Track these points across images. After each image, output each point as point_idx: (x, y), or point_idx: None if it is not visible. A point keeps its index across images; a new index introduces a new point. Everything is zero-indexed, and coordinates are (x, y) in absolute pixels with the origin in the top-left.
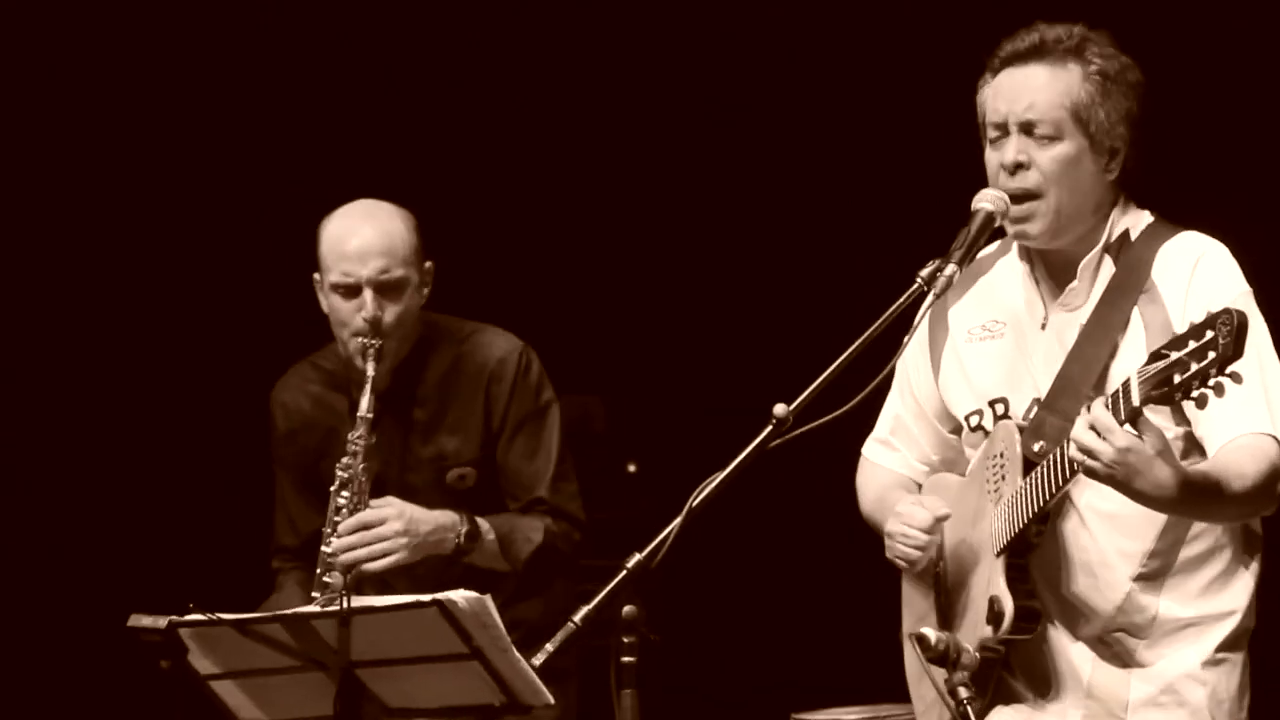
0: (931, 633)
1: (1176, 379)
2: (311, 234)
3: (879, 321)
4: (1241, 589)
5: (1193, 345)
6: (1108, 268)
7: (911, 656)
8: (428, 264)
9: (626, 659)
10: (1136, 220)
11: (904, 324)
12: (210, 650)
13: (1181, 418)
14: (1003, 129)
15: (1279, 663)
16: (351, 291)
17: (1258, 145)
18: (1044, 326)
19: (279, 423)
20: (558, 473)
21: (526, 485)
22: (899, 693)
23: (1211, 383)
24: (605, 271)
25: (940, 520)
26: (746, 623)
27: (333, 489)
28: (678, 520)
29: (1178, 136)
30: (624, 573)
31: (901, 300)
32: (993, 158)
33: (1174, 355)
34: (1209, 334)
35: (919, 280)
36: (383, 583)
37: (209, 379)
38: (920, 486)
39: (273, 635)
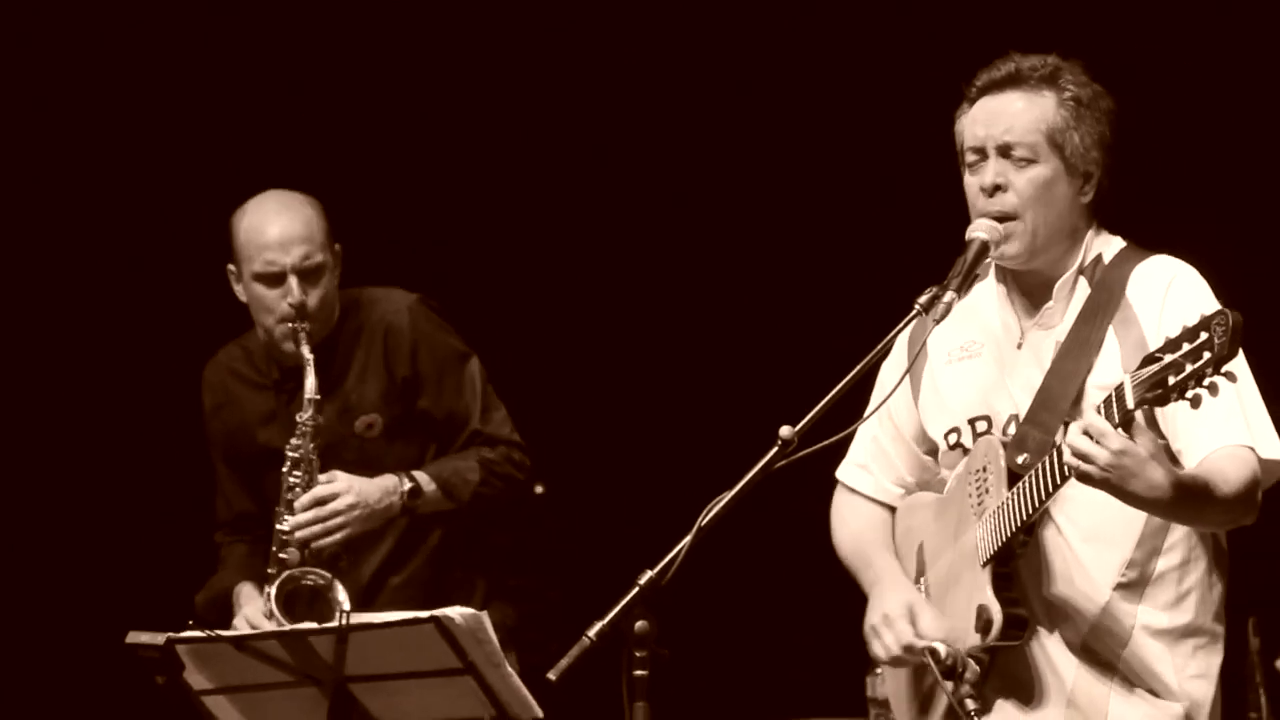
0: (942, 647)
1: (1171, 380)
2: (220, 226)
3: (879, 346)
4: (1214, 602)
5: (1187, 347)
6: (1083, 289)
7: (894, 674)
8: (337, 247)
9: (639, 672)
10: (1109, 244)
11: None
12: (205, 666)
13: (1159, 432)
14: (981, 153)
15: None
16: (275, 279)
17: (1221, 168)
18: (1020, 346)
19: (205, 399)
20: (484, 404)
21: (459, 423)
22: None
23: (1206, 382)
24: (522, 285)
25: (922, 651)
26: (752, 636)
27: (284, 469)
28: (687, 538)
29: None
30: (636, 589)
31: (900, 326)
32: (972, 182)
33: (1168, 358)
34: (1203, 335)
35: (917, 306)
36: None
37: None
38: (894, 511)
39: (268, 651)
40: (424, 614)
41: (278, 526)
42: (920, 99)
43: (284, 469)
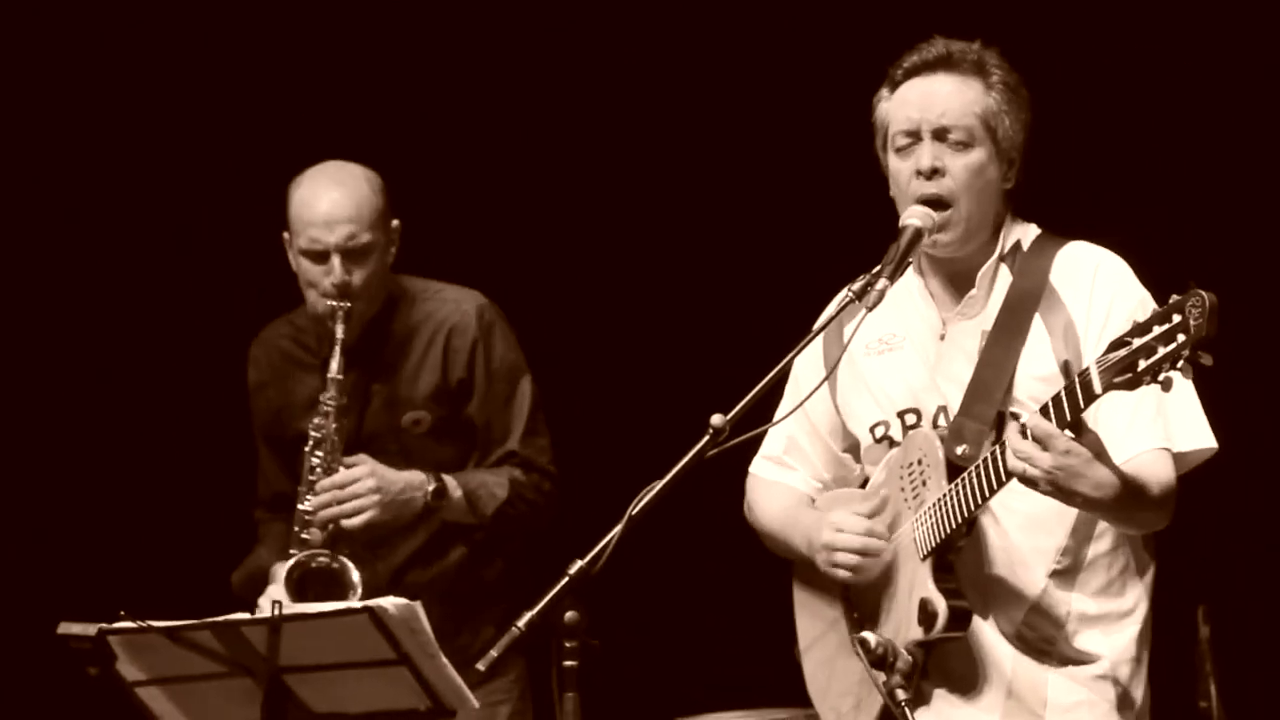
0: (872, 636)
1: (1142, 364)
2: (281, 191)
3: (811, 334)
4: (1143, 587)
5: (1158, 330)
6: (1004, 276)
7: (812, 667)
8: (394, 223)
9: (569, 663)
10: (1025, 231)
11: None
12: (138, 657)
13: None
14: (914, 136)
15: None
16: (320, 256)
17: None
18: (943, 337)
19: (250, 375)
20: (529, 427)
21: (498, 438)
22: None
23: (1180, 364)
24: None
25: (876, 532)
26: (685, 625)
27: (306, 449)
28: (618, 528)
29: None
30: (566, 579)
31: (834, 313)
32: (904, 165)
33: (1138, 342)
34: (1177, 317)
35: (850, 293)
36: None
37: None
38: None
39: (202, 642)
40: (357, 604)
41: (299, 506)
42: (846, 89)
43: (306, 448)
